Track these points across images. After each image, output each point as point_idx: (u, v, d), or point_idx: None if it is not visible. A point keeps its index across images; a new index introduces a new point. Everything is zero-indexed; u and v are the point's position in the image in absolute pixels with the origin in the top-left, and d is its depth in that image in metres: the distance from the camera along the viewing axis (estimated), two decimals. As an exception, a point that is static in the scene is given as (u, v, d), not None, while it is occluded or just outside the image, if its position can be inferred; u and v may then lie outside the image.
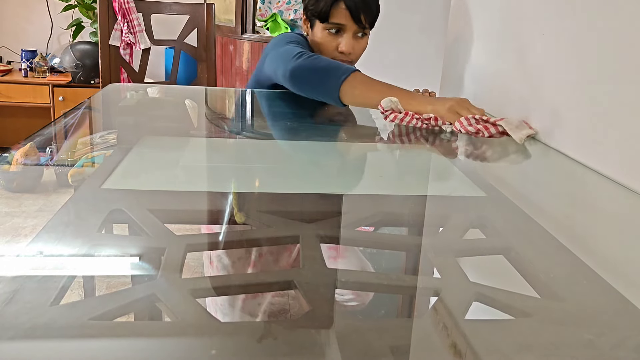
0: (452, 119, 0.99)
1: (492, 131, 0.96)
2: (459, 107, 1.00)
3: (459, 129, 0.97)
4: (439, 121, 1.00)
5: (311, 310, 0.43)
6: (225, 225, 0.65)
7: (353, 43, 1.23)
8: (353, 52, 1.25)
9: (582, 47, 0.90)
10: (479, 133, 0.96)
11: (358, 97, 1.06)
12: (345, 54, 1.24)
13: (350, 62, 1.26)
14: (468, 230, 0.62)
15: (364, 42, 1.27)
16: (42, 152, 1.76)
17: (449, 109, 1.00)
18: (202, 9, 2.12)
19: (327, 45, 1.24)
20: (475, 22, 1.38)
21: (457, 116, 0.99)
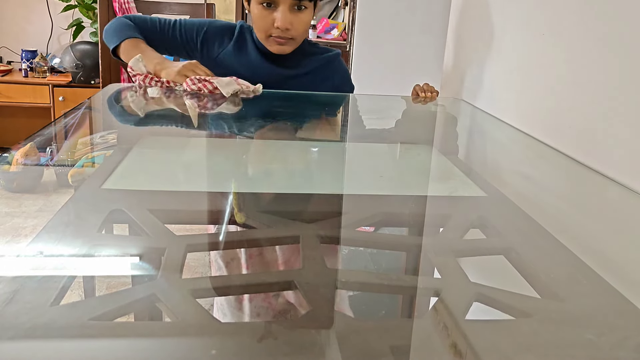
0: (181, 80, 1.16)
1: (209, 87, 1.15)
2: (186, 70, 1.16)
3: (185, 88, 1.16)
4: (170, 83, 1.18)
5: (311, 311, 0.43)
6: (227, 226, 0.65)
7: (291, 17, 1.12)
8: (292, 27, 1.13)
9: (582, 47, 0.90)
10: (200, 90, 1.15)
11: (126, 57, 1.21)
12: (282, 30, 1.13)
13: (292, 39, 1.16)
14: (468, 231, 0.62)
15: (305, 16, 1.14)
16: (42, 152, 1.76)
17: (178, 73, 1.15)
18: (202, 9, 2.12)
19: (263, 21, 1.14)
20: (475, 22, 1.38)
21: (184, 78, 1.15)
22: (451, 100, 1.47)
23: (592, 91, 0.86)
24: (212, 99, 1.16)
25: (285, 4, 1.11)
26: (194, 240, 0.55)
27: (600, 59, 0.85)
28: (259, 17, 1.14)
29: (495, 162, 0.89)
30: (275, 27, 1.13)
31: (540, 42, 1.03)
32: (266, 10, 1.13)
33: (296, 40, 1.18)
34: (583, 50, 0.89)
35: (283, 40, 1.16)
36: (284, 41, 1.16)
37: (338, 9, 3.39)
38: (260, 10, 1.14)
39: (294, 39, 1.17)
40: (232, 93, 1.15)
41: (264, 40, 1.18)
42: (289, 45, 1.18)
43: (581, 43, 0.90)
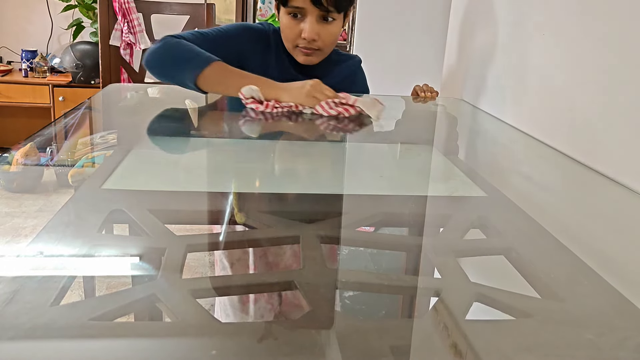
0: (312, 103, 1.05)
1: (352, 112, 1.05)
2: (315, 92, 1.05)
3: (321, 112, 1.04)
4: (299, 107, 1.06)
5: (311, 311, 0.43)
6: (229, 226, 0.65)
7: (318, 29, 1.10)
8: (319, 38, 1.12)
9: (582, 47, 0.90)
10: (340, 114, 1.05)
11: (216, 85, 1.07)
12: (308, 41, 1.12)
13: (319, 50, 1.15)
14: (469, 231, 0.62)
15: (333, 27, 1.12)
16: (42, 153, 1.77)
17: (307, 95, 1.05)
18: (202, 9, 2.12)
19: (290, 31, 1.13)
20: (475, 22, 1.38)
21: (315, 100, 1.05)
22: (451, 100, 1.47)
23: (592, 91, 0.86)
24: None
25: (313, 14, 1.09)
26: (194, 240, 0.55)
27: (601, 58, 0.85)
28: (287, 27, 1.13)
29: (495, 162, 0.89)
30: (302, 38, 1.12)
31: (540, 42, 1.03)
32: (294, 21, 1.12)
33: (323, 51, 1.16)
34: (583, 50, 0.89)
35: (309, 51, 1.14)
36: (311, 52, 1.14)
37: (338, 9, 3.39)
38: (288, 20, 1.12)
39: (321, 50, 1.15)
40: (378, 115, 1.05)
41: (291, 50, 1.17)
42: (315, 56, 1.16)
43: (581, 43, 0.90)
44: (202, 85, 1.07)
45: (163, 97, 1.38)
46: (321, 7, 1.08)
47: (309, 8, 1.08)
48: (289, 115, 1.05)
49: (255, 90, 1.04)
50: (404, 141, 1.11)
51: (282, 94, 1.06)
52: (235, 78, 1.06)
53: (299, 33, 1.12)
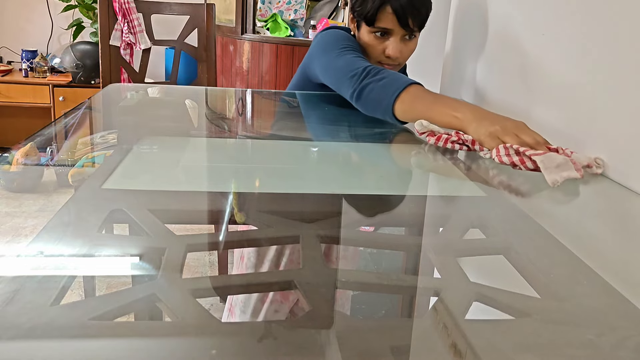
0: (491, 145, 0.83)
1: (530, 166, 0.78)
2: (503, 133, 0.82)
3: (494, 157, 0.82)
4: (476, 145, 0.87)
5: (311, 310, 0.43)
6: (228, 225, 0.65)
7: (401, 47, 1.19)
8: (401, 56, 1.21)
9: (582, 47, 0.90)
10: (515, 166, 0.80)
11: (409, 113, 0.98)
12: (392, 59, 1.21)
13: (398, 65, 1.24)
14: (468, 230, 0.62)
15: (413, 44, 1.22)
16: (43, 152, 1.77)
17: (491, 135, 0.83)
18: (202, 9, 2.12)
19: (374, 48, 1.20)
20: (475, 22, 1.38)
21: (497, 142, 0.82)
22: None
23: (592, 91, 0.86)
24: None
25: (398, 35, 1.17)
26: (194, 240, 0.55)
27: (600, 58, 0.85)
28: (371, 45, 1.20)
29: (495, 162, 0.89)
30: (386, 56, 1.20)
31: (540, 42, 1.03)
32: (378, 39, 1.19)
33: (401, 65, 1.26)
34: (583, 50, 0.89)
35: (391, 67, 1.22)
36: (392, 67, 1.22)
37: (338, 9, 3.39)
38: (372, 38, 1.19)
39: (400, 64, 1.25)
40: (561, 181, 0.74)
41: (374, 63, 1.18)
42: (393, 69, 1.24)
43: (581, 43, 0.90)
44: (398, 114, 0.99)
45: (163, 97, 1.38)
46: (407, 28, 1.16)
47: (396, 29, 1.17)
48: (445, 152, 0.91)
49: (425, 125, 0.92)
50: (404, 141, 1.11)
51: (470, 124, 0.88)
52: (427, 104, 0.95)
53: (382, 50, 1.19)
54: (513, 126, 0.84)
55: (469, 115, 0.88)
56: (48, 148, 1.00)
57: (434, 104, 0.94)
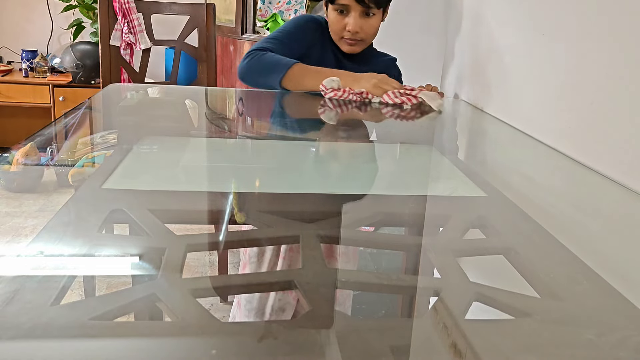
0: (379, 92, 1.22)
1: (414, 101, 1.21)
2: (382, 83, 1.23)
3: (387, 101, 1.21)
4: (369, 95, 1.22)
5: (311, 310, 0.43)
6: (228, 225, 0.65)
7: (361, 22, 1.28)
8: (361, 31, 1.29)
9: (582, 46, 0.90)
10: (404, 103, 1.21)
11: (299, 85, 1.26)
12: (352, 33, 1.29)
13: (361, 42, 1.32)
14: (468, 230, 0.62)
15: (374, 21, 1.30)
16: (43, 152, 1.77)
17: (374, 86, 1.22)
18: (202, 9, 2.12)
19: (336, 25, 1.31)
20: (475, 22, 1.38)
21: (382, 90, 1.22)
22: (451, 100, 1.47)
23: (592, 91, 0.86)
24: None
25: (357, 10, 1.27)
26: (194, 240, 0.55)
27: (600, 58, 0.85)
28: (334, 22, 1.32)
29: (495, 162, 0.89)
30: (347, 31, 1.30)
31: (540, 42, 1.03)
32: (340, 16, 1.30)
33: (365, 41, 1.34)
34: (583, 50, 0.89)
35: (353, 42, 1.32)
36: (354, 42, 1.32)
37: (338, 9, 3.38)
38: (335, 15, 1.31)
39: (363, 40, 1.33)
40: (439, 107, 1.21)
41: (337, 41, 1.34)
42: (358, 46, 1.34)
43: (581, 43, 0.90)
44: (287, 86, 1.26)
45: (163, 97, 1.38)
46: (363, 4, 1.26)
47: (353, 5, 1.27)
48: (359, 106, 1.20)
49: (336, 80, 1.21)
50: (404, 141, 1.11)
51: (354, 83, 1.24)
52: (313, 75, 1.25)
53: (344, 26, 1.30)
54: (384, 78, 1.25)
55: (349, 77, 1.25)
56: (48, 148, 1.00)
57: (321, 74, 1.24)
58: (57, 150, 0.98)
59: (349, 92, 1.22)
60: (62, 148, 0.95)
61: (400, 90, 1.22)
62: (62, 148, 0.95)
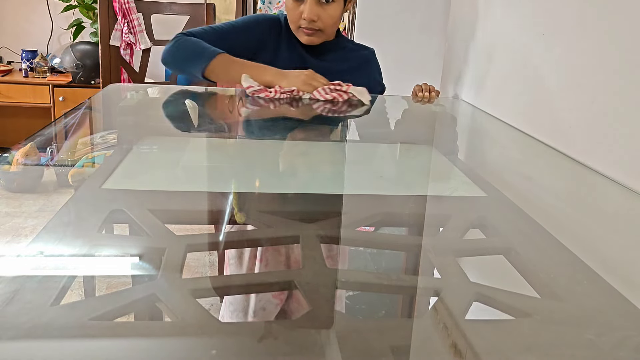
0: (309, 89, 1.18)
1: (345, 97, 1.21)
2: (311, 80, 1.19)
3: (318, 97, 1.19)
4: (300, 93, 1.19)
5: (311, 310, 0.43)
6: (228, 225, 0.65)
7: (317, 10, 1.19)
8: (319, 19, 1.20)
9: (581, 47, 0.90)
10: (335, 99, 1.19)
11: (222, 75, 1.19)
12: (308, 21, 1.20)
13: (320, 31, 1.22)
14: (468, 230, 0.62)
15: (332, 9, 1.21)
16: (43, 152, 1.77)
17: (304, 82, 1.18)
18: (202, 9, 2.12)
19: (293, 13, 1.22)
20: (475, 22, 1.38)
21: (311, 87, 1.18)
22: (451, 100, 1.47)
23: (592, 91, 0.86)
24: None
25: None
26: (194, 240, 0.55)
27: (600, 58, 0.85)
28: (290, 10, 1.23)
29: (495, 162, 0.89)
30: (303, 19, 1.21)
31: (540, 42, 1.03)
32: (295, 3, 1.21)
33: (325, 32, 1.24)
34: (583, 50, 0.89)
35: (310, 32, 1.23)
36: (312, 32, 1.23)
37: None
38: (290, 3, 1.22)
39: (322, 30, 1.23)
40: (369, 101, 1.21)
41: (295, 31, 1.25)
42: (316, 37, 1.24)
43: (581, 43, 0.90)
44: (210, 76, 1.17)
45: (163, 97, 1.38)
46: None
47: None
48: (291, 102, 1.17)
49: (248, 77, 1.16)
50: (404, 141, 1.11)
51: (282, 80, 1.18)
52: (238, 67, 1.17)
53: (300, 15, 1.21)
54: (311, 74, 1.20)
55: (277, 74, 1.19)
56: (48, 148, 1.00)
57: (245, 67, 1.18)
58: (57, 151, 0.98)
59: (280, 92, 1.17)
60: (62, 148, 0.95)
61: (330, 87, 1.19)
62: (62, 148, 0.95)
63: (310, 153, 0.97)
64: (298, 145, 1.01)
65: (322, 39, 1.26)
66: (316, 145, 1.03)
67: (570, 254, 0.57)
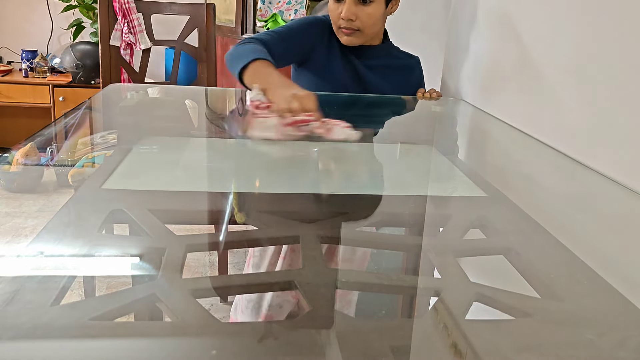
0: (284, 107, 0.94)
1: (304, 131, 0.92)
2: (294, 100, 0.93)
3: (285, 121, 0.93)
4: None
5: (311, 310, 0.43)
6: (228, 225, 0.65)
7: (355, 10, 1.23)
8: (357, 19, 1.23)
9: (581, 47, 0.90)
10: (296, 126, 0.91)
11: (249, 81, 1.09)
12: (346, 21, 1.23)
13: (359, 31, 1.25)
14: (468, 231, 0.62)
15: (371, 9, 1.23)
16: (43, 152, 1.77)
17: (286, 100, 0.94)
18: (202, 9, 2.12)
19: (333, 14, 1.26)
20: (475, 22, 1.38)
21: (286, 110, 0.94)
22: (451, 100, 1.47)
23: (592, 91, 0.86)
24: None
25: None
26: (194, 240, 0.55)
27: (600, 58, 0.85)
28: (331, 11, 1.26)
29: (495, 162, 0.89)
30: (341, 19, 1.24)
31: (541, 42, 1.03)
32: (336, 4, 1.25)
33: (363, 32, 1.25)
34: (583, 50, 0.89)
35: (349, 32, 1.25)
36: (350, 32, 1.25)
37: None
38: (331, 4, 1.26)
39: (360, 30, 1.25)
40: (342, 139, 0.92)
41: (337, 32, 1.28)
42: (355, 37, 1.26)
43: (581, 43, 0.90)
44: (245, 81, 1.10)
45: (163, 97, 1.38)
46: None
47: None
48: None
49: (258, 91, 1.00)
50: (404, 141, 1.11)
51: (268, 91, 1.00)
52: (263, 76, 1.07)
53: (339, 15, 1.24)
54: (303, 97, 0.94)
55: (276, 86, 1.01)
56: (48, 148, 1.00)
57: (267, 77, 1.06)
58: (57, 151, 0.98)
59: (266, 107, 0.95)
60: (62, 148, 0.95)
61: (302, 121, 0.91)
62: (62, 148, 0.95)
63: (310, 153, 0.97)
64: (298, 146, 1.01)
65: (361, 40, 1.27)
66: (316, 145, 1.03)
67: (570, 254, 0.57)
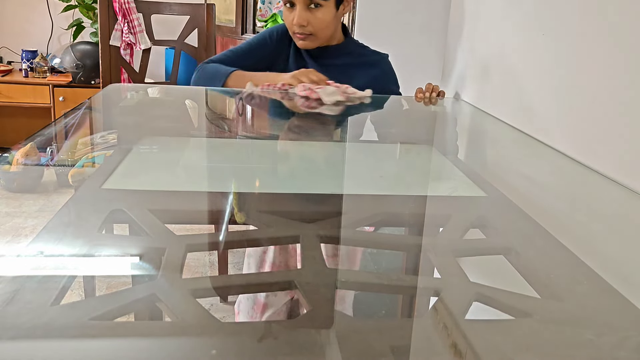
0: (294, 82, 1.24)
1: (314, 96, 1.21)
2: (300, 75, 1.24)
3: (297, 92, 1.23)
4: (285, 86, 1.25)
5: (311, 310, 0.43)
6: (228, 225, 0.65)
7: (306, 15, 1.25)
8: (309, 24, 1.25)
9: (582, 47, 0.90)
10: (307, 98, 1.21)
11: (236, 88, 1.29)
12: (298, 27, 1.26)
13: (313, 35, 1.27)
14: (468, 231, 0.62)
15: (321, 13, 1.25)
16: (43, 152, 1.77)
17: (292, 76, 1.24)
18: (202, 9, 2.12)
19: (287, 20, 1.30)
20: (475, 22, 1.38)
21: (297, 81, 1.24)
22: (451, 100, 1.47)
23: (592, 91, 0.86)
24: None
25: (300, 3, 1.25)
26: (194, 240, 0.55)
27: (600, 58, 0.85)
28: (285, 17, 1.30)
29: (495, 162, 0.89)
30: (294, 24, 1.27)
31: (540, 42, 1.03)
32: (288, 10, 1.28)
33: (317, 35, 1.28)
34: (583, 50, 0.89)
35: (303, 36, 1.28)
36: (304, 37, 1.28)
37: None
38: (284, 11, 1.30)
39: (314, 34, 1.28)
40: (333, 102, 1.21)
41: (292, 37, 1.32)
42: (309, 41, 1.29)
43: (581, 43, 0.90)
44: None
45: (163, 97, 1.38)
46: None
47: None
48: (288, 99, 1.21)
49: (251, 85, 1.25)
50: (404, 141, 1.11)
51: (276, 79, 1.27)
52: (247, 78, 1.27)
53: (292, 20, 1.27)
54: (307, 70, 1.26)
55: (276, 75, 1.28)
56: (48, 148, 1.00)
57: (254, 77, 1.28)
58: (57, 150, 0.98)
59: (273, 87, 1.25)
60: (62, 148, 0.95)
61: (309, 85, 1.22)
62: (62, 148, 0.95)
63: (310, 153, 0.97)
64: (298, 145, 1.01)
65: (317, 43, 1.29)
66: (316, 145, 1.03)
67: (570, 254, 0.57)
